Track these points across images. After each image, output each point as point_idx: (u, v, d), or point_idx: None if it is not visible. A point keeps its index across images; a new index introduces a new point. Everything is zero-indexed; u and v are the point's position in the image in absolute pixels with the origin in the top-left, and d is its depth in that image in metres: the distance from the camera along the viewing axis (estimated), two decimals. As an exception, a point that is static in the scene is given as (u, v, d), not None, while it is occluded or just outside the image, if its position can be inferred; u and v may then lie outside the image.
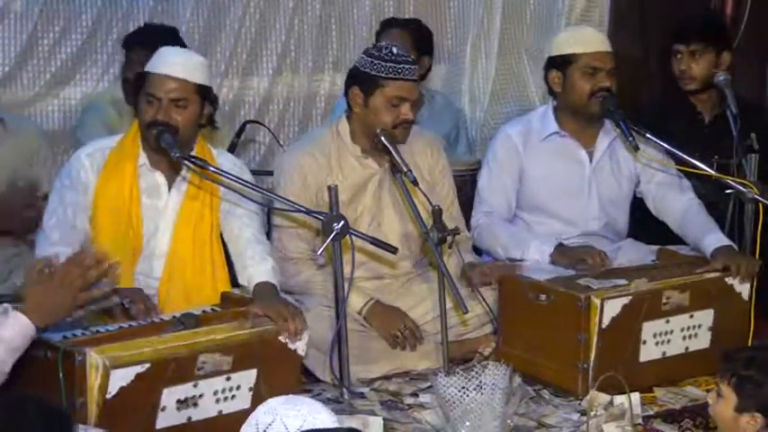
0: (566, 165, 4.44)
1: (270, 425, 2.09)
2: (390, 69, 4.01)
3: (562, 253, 4.20)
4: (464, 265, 4.12)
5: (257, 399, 3.38)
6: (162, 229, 3.78)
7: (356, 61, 4.16)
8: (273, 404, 2.13)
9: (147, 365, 3.16)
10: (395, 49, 4.06)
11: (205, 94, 3.74)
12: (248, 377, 3.37)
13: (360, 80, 4.06)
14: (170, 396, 3.23)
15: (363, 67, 4.05)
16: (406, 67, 4.02)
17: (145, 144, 3.76)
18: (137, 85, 3.75)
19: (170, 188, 3.79)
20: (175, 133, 3.66)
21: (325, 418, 2.10)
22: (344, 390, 3.74)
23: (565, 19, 5.95)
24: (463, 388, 3.39)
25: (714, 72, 4.83)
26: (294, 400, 2.14)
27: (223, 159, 3.88)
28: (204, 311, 3.55)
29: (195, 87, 3.71)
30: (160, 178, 3.78)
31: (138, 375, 3.14)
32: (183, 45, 4.46)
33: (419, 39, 5.21)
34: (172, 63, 3.71)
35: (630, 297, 3.84)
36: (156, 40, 4.45)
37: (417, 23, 5.30)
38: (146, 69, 3.74)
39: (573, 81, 4.34)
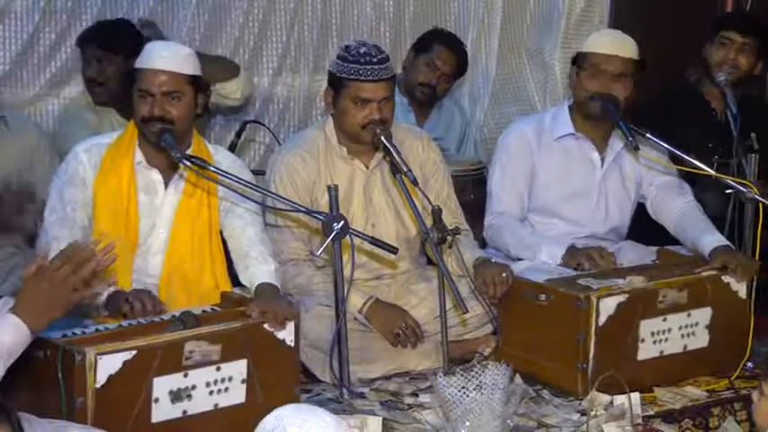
0: (578, 166, 4.42)
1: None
2: (352, 70, 3.97)
3: (572, 254, 4.19)
4: (475, 262, 4.10)
5: (251, 392, 3.39)
6: (159, 226, 3.78)
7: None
8: (280, 412, 2.15)
9: (134, 352, 3.17)
10: (362, 49, 4.01)
11: (197, 85, 3.74)
12: (239, 368, 3.37)
13: (330, 81, 4.07)
14: (161, 387, 3.22)
15: (332, 68, 4.06)
16: (368, 67, 3.96)
17: (142, 141, 3.77)
18: (126, 82, 3.75)
19: (167, 186, 3.80)
20: (171, 125, 3.66)
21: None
22: (344, 390, 3.74)
23: (565, 19, 5.95)
24: (463, 388, 3.39)
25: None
26: (301, 409, 2.15)
27: (221, 157, 3.88)
28: (204, 311, 3.55)
29: (187, 78, 3.71)
30: (156, 176, 3.79)
31: (126, 363, 3.15)
32: (139, 36, 4.45)
33: (462, 63, 5.26)
34: (160, 57, 3.70)
35: (626, 295, 3.84)
36: (107, 37, 4.47)
37: (460, 44, 5.31)
38: (135, 66, 3.73)
39: (579, 80, 4.34)
